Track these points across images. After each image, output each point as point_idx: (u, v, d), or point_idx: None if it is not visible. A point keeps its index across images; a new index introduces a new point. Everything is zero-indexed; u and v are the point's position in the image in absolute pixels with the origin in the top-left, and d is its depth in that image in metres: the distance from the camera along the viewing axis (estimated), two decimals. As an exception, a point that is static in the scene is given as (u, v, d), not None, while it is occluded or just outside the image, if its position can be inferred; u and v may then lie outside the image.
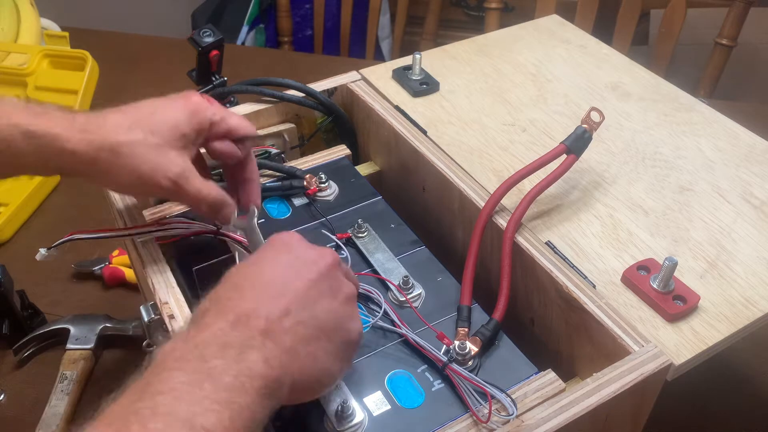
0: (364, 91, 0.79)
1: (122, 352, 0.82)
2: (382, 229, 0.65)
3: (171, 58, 1.33)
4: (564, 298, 0.57)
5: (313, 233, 0.65)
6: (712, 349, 0.53)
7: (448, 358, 0.51)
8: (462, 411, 0.49)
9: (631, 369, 0.50)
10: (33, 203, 1.03)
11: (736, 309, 0.55)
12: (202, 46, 0.83)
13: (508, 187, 0.62)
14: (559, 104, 0.78)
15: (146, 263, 0.59)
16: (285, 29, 1.79)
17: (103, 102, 1.21)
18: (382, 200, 0.69)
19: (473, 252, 0.59)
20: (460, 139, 0.73)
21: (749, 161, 0.69)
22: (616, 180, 0.68)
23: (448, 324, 0.56)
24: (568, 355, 0.59)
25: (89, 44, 1.22)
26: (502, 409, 0.48)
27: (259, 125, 0.77)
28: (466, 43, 0.89)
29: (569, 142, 0.63)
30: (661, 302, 0.55)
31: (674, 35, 1.38)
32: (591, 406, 0.48)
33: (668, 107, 0.77)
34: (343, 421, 0.48)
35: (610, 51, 0.87)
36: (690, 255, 0.60)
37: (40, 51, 1.16)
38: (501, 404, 0.48)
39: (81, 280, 0.91)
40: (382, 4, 1.91)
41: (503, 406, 0.48)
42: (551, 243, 0.61)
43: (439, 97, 0.79)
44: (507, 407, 0.48)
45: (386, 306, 0.56)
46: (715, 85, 1.42)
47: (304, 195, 0.69)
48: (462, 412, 0.49)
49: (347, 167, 0.74)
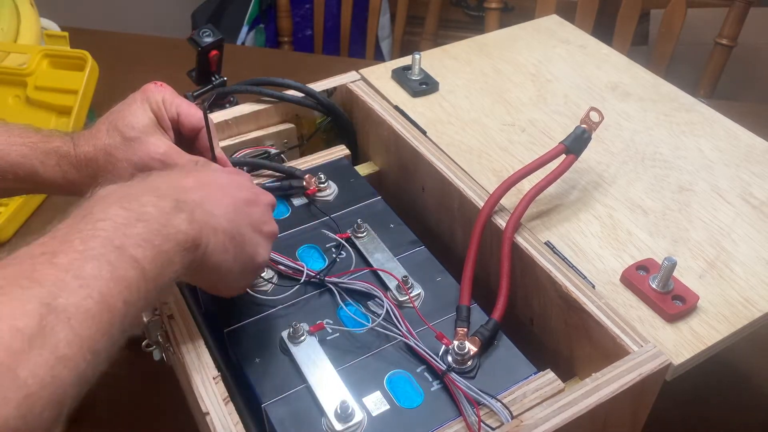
0: (363, 91, 0.79)
1: (122, 352, 0.82)
2: (381, 229, 0.65)
3: (171, 58, 1.33)
4: (563, 298, 0.57)
5: (313, 233, 0.65)
6: (712, 349, 0.53)
7: (447, 367, 0.51)
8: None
9: (630, 369, 0.50)
10: (33, 203, 1.03)
11: (736, 309, 0.55)
12: (202, 46, 0.83)
13: (507, 187, 0.62)
14: (559, 104, 0.78)
15: (146, 263, 0.59)
16: (285, 29, 1.79)
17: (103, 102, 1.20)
18: (382, 200, 0.69)
19: (472, 252, 0.59)
20: (459, 140, 0.73)
21: (749, 161, 0.69)
22: (616, 180, 0.68)
23: (448, 324, 0.56)
24: (567, 355, 0.59)
25: (89, 44, 1.21)
26: (495, 417, 0.48)
27: (259, 125, 0.77)
28: (466, 43, 0.89)
29: (568, 142, 0.63)
30: (660, 302, 0.55)
31: (674, 35, 1.38)
32: (590, 406, 0.48)
33: (668, 107, 0.77)
34: (342, 420, 0.48)
35: (609, 51, 0.87)
36: (689, 255, 0.60)
37: (40, 51, 1.16)
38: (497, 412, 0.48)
39: (81, 280, 0.91)
40: (382, 4, 1.91)
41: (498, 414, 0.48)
42: (550, 243, 0.61)
43: (439, 97, 0.79)
44: (500, 416, 0.48)
45: (388, 305, 0.55)
46: (715, 85, 1.42)
47: (303, 195, 0.69)
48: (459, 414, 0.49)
49: (346, 167, 0.74)
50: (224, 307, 0.58)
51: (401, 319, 0.55)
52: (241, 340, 0.55)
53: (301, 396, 0.51)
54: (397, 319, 0.55)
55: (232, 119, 0.75)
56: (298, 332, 0.54)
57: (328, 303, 0.58)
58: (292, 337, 0.54)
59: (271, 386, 0.52)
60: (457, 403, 0.50)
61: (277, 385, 0.52)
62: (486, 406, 0.49)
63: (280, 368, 0.53)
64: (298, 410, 0.50)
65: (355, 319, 0.56)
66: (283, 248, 0.61)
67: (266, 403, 0.50)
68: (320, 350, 0.54)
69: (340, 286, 0.59)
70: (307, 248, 0.63)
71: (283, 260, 0.60)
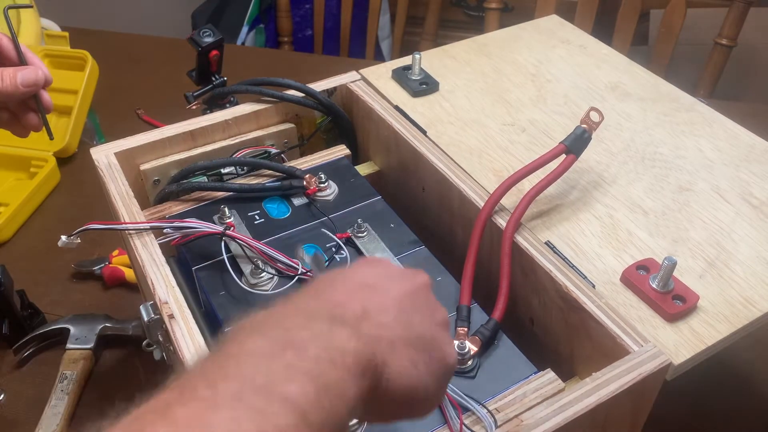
0: (363, 91, 0.79)
1: (122, 352, 0.83)
2: (381, 228, 0.65)
3: (171, 58, 1.33)
4: (563, 298, 0.57)
5: (313, 233, 0.65)
6: (712, 348, 0.53)
7: None
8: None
9: (631, 369, 0.50)
10: (33, 203, 1.03)
11: (736, 309, 0.55)
12: (202, 46, 0.83)
13: (507, 187, 0.62)
14: (559, 104, 0.78)
15: (146, 263, 0.59)
16: (285, 29, 1.79)
17: (103, 102, 1.21)
18: (382, 200, 0.69)
19: (473, 252, 0.59)
20: (459, 139, 0.73)
21: (749, 161, 0.69)
22: (616, 180, 0.68)
23: (448, 324, 0.56)
24: (567, 355, 0.59)
25: (89, 44, 1.21)
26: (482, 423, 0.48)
27: (259, 125, 0.77)
28: (466, 43, 0.89)
29: (569, 142, 0.63)
30: (660, 302, 0.55)
31: (674, 35, 1.38)
32: (590, 405, 0.48)
33: (668, 107, 0.77)
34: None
35: (609, 51, 0.87)
36: (689, 255, 0.60)
37: (40, 51, 1.16)
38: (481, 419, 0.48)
39: (81, 279, 0.92)
40: (382, 4, 1.91)
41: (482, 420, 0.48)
42: (551, 243, 0.61)
43: (439, 97, 0.79)
44: (485, 422, 0.48)
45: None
46: (714, 85, 1.42)
47: (303, 195, 0.69)
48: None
49: (347, 167, 0.74)
50: (224, 306, 0.58)
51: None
52: (241, 339, 0.55)
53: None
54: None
55: (232, 119, 0.75)
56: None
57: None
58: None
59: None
60: (441, 407, 0.49)
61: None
62: (472, 411, 0.49)
63: (281, 368, 0.53)
64: None
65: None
66: (283, 248, 0.61)
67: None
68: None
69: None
70: (307, 248, 0.63)
71: (280, 257, 0.60)
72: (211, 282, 0.60)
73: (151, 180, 0.72)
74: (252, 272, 0.59)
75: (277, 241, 0.64)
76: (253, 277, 0.59)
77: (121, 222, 0.62)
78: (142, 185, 0.72)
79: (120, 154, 0.70)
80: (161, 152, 0.72)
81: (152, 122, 1.17)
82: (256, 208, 0.67)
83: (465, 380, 0.52)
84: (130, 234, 0.62)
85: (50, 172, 1.06)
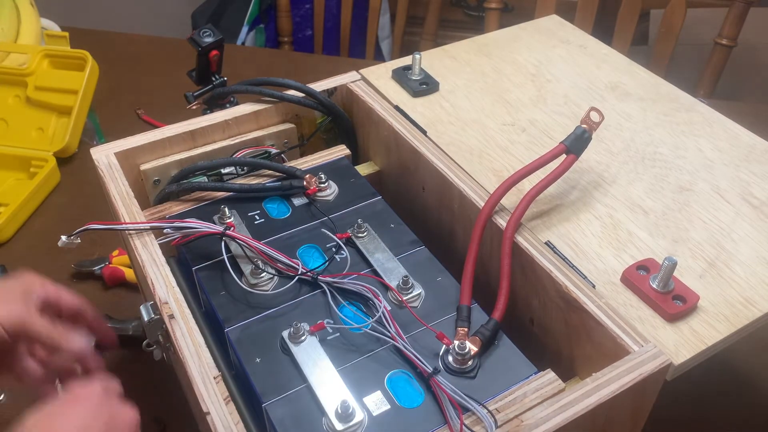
0: (363, 91, 0.79)
1: (122, 352, 0.83)
2: (381, 229, 0.65)
3: (171, 58, 1.33)
4: (564, 298, 0.57)
5: (313, 233, 0.65)
6: (712, 349, 0.53)
7: (433, 369, 0.51)
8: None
9: (631, 369, 0.50)
10: (33, 203, 1.03)
11: (736, 309, 0.55)
12: (202, 46, 0.83)
13: (507, 187, 0.62)
14: (559, 104, 0.78)
15: (146, 263, 0.59)
16: (285, 29, 1.79)
17: (103, 102, 1.21)
18: (382, 200, 0.69)
19: (473, 252, 0.59)
20: (459, 139, 0.73)
21: (749, 161, 0.69)
22: (616, 180, 0.68)
23: (448, 324, 0.56)
24: (567, 355, 0.59)
25: (89, 44, 1.22)
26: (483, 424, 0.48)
27: (259, 125, 0.77)
28: (466, 43, 0.89)
29: (569, 142, 0.63)
30: (660, 302, 0.55)
31: (674, 35, 1.38)
32: (590, 405, 0.48)
33: (668, 107, 0.77)
34: (342, 420, 0.48)
35: (609, 51, 0.87)
36: (689, 255, 0.60)
37: (40, 51, 1.16)
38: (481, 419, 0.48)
39: (81, 279, 0.92)
40: (382, 4, 1.91)
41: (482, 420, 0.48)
42: (551, 243, 0.61)
43: (439, 97, 0.79)
44: (485, 422, 0.47)
45: (383, 310, 0.55)
46: (715, 85, 1.42)
47: (303, 195, 0.69)
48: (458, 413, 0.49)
49: (347, 167, 0.74)
50: (224, 306, 0.58)
51: (391, 321, 0.55)
52: (241, 339, 0.55)
53: (302, 396, 0.51)
54: (387, 321, 0.55)
55: (232, 119, 0.75)
56: (299, 332, 0.54)
57: (328, 303, 0.58)
58: (292, 336, 0.54)
59: (271, 386, 0.52)
60: (441, 407, 0.49)
61: (277, 384, 0.52)
62: (472, 412, 0.48)
63: (281, 368, 0.53)
64: (298, 410, 0.50)
65: (355, 319, 0.56)
66: (283, 248, 0.61)
67: (267, 403, 0.50)
68: (321, 350, 0.54)
69: (333, 285, 0.59)
70: (307, 248, 0.63)
71: (280, 257, 0.60)
72: (211, 282, 0.60)
73: (151, 180, 0.72)
74: (252, 272, 0.59)
75: (277, 241, 0.64)
76: (254, 277, 0.59)
77: (121, 222, 0.62)
78: (142, 185, 0.72)
79: (120, 154, 0.70)
80: (161, 152, 0.72)
81: (152, 122, 1.17)
82: (256, 208, 0.67)
83: (465, 380, 0.52)
84: (130, 234, 0.62)
85: (50, 172, 1.06)
